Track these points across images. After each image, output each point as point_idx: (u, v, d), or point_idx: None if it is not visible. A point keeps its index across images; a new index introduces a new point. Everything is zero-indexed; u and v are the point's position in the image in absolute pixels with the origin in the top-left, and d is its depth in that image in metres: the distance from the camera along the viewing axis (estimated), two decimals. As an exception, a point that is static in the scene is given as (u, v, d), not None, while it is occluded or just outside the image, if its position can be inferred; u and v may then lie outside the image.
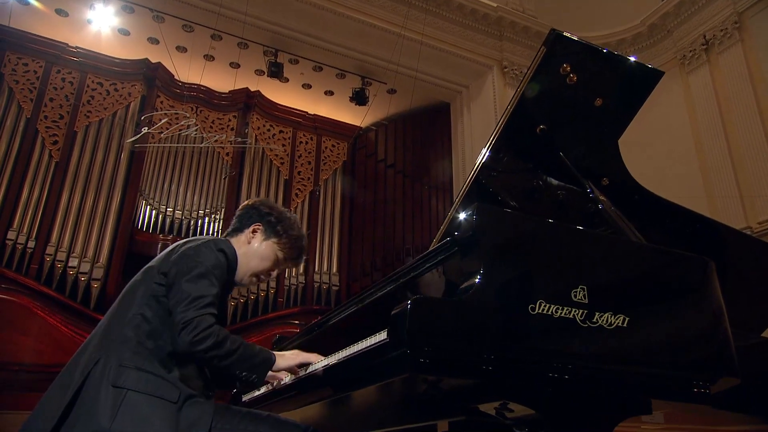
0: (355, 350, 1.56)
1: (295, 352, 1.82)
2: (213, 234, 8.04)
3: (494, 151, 2.52)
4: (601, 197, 2.27)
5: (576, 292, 1.52)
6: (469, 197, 2.64)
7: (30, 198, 7.20)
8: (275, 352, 1.75)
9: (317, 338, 2.30)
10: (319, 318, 2.36)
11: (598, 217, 2.40)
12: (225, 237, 1.86)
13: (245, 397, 2.26)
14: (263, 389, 2.09)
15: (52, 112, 7.62)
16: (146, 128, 7.23)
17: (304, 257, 1.96)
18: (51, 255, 7.04)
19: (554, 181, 2.65)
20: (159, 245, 7.84)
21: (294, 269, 8.19)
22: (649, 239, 2.22)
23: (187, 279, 1.59)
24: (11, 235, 6.95)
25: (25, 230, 7.04)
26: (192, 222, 7.98)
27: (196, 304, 1.56)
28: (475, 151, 7.55)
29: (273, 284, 7.98)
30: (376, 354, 1.44)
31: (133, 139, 7.36)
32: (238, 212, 1.89)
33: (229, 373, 1.63)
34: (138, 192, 7.85)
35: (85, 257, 7.19)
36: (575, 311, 1.50)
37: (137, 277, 1.69)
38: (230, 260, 1.71)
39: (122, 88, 8.04)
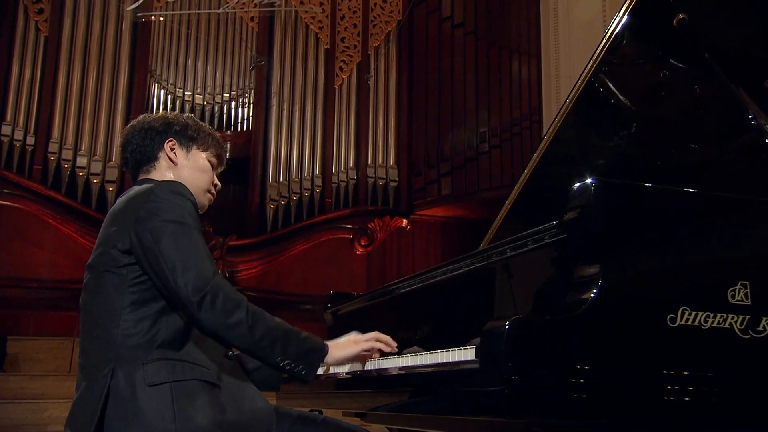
0: (432, 362, 1.53)
1: (353, 338, 1.79)
2: (245, 121, 8.09)
3: (610, 46, 2.37)
4: (768, 126, 2.04)
5: (734, 291, 1.45)
6: (576, 113, 2.48)
7: (21, 85, 7.31)
8: (329, 342, 1.73)
9: (379, 307, 2.29)
10: (384, 285, 2.35)
11: (754, 130, 2.21)
12: (144, 182, 1.79)
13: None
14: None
15: (29, -30, 7.48)
16: (148, -9, 7.02)
17: (225, 155, 1.95)
18: (55, 153, 7.28)
19: (689, 74, 2.47)
20: (179, 138, 7.91)
21: (343, 162, 8.19)
22: None
23: (162, 244, 1.54)
24: (6, 130, 7.17)
25: (21, 124, 7.23)
26: (216, 108, 7.99)
27: (192, 267, 1.53)
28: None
29: (318, 182, 8.06)
30: (462, 380, 1.41)
31: (134, 6, 7.18)
32: (130, 147, 1.80)
33: (267, 360, 1.60)
34: (147, 72, 7.83)
35: (94, 155, 7.40)
36: (732, 318, 1.43)
37: (92, 274, 1.65)
38: (190, 198, 1.66)
39: (113, -66, 7.74)
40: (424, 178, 8.29)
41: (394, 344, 1.77)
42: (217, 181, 1.89)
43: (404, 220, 8.10)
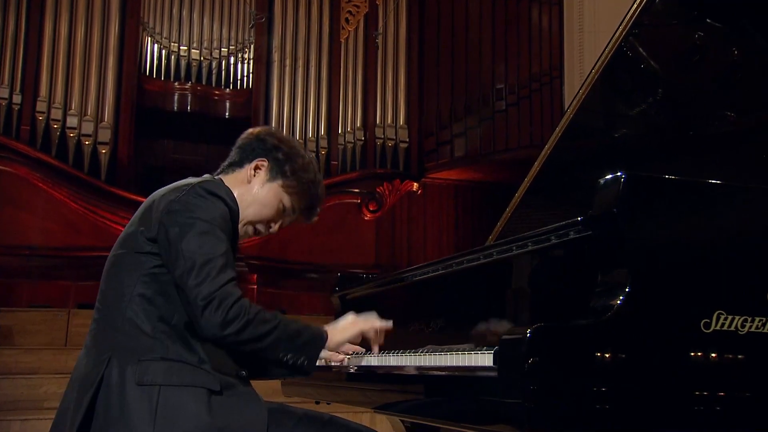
0: (447, 364, 1.52)
1: (350, 319, 1.85)
2: (245, 77, 8.02)
3: (643, 6, 2.34)
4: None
5: (774, 292, 1.44)
6: (604, 80, 2.45)
7: (5, 39, 7.24)
8: (327, 326, 1.79)
9: (389, 294, 2.30)
10: (396, 272, 2.36)
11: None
12: (219, 174, 1.89)
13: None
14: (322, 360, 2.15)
15: None
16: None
17: (317, 212, 1.96)
18: (43, 113, 7.26)
19: (726, 37, 2.42)
20: (175, 96, 7.89)
21: (350, 122, 8.14)
22: None
23: (186, 241, 1.61)
24: (-11, 88, 7.12)
25: (5, 81, 7.19)
26: (214, 64, 7.93)
27: (208, 272, 1.59)
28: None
29: (323, 143, 8.03)
30: (478, 387, 1.39)
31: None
32: (239, 142, 1.92)
33: (270, 358, 1.70)
34: (139, 24, 7.75)
35: (85, 115, 7.38)
36: (771, 322, 1.42)
37: (118, 251, 1.73)
38: (231, 206, 1.73)
39: None
40: (437, 139, 8.25)
41: (390, 324, 1.85)
42: (275, 227, 1.91)
43: (415, 184, 8.07)
